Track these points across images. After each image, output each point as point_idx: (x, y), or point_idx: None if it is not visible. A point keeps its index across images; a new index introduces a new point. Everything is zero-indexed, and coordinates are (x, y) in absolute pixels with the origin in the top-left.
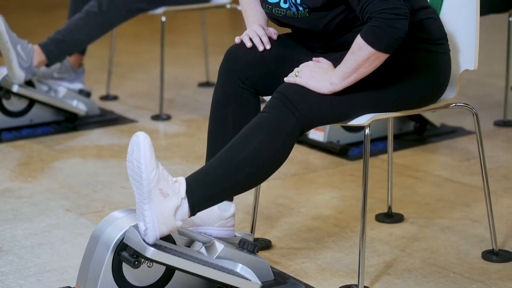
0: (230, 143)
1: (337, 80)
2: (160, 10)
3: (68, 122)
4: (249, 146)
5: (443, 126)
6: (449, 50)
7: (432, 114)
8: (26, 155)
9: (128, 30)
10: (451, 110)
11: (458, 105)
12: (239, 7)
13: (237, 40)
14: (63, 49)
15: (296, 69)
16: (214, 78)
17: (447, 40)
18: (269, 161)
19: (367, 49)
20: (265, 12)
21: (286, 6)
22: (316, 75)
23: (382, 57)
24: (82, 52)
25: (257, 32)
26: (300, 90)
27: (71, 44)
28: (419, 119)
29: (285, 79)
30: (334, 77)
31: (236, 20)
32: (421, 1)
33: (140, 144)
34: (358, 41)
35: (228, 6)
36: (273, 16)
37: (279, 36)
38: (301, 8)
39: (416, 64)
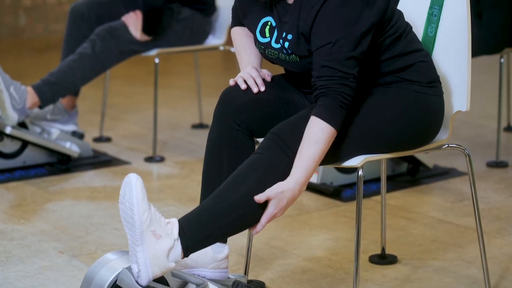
0: (223, 184)
1: (303, 179)
2: (153, 52)
3: (61, 164)
4: (242, 187)
5: (436, 167)
6: (442, 93)
7: (425, 155)
8: (19, 196)
9: (122, 71)
10: (444, 151)
11: (450, 146)
12: (232, 49)
13: (231, 82)
14: (56, 91)
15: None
16: (207, 120)
17: (439, 82)
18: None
19: (328, 129)
20: (259, 51)
21: (278, 46)
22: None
23: (335, 135)
24: (76, 93)
25: (251, 74)
26: (294, 131)
27: (64, 86)
28: (412, 160)
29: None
30: (301, 178)
31: (230, 62)
32: (414, 44)
33: (132, 186)
34: (319, 124)
35: (221, 48)
36: (266, 57)
37: (272, 78)
38: (292, 54)
39: (408, 106)
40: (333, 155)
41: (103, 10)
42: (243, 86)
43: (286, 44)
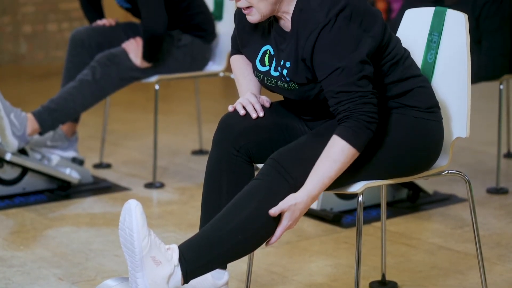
0: (223, 210)
1: (316, 192)
2: (153, 79)
3: (61, 190)
4: (242, 213)
5: (436, 193)
6: (441, 118)
7: (425, 182)
8: (18, 223)
9: (122, 98)
10: (444, 178)
11: (450, 173)
12: (232, 75)
13: (230, 108)
14: (56, 117)
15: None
16: (207, 146)
17: (439, 108)
18: (262, 228)
19: (350, 151)
20: (258, 80)
21: (276, 74)
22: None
23: (357, 155)
24: (76, 120)
25: (250, 100)
26: (294, 157)
27: (64, 113)
28: (412, 186)
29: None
30: (313, 191)
31: (230, 88)
32: (412, 70)
33: (132, 212)
34: (341, 144)
35: (221, 74)
36: (265, 85)
37: (271, 104)
38: (290, 82)
39: (408, 132)
40: (334, 181)
41: (104, 37)
42: (241, 112)
43: (285, 72)
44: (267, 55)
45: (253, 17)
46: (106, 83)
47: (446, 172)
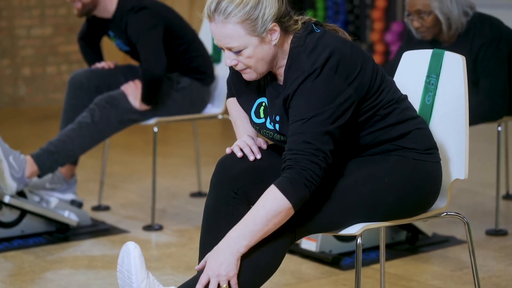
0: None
1: (245, 242)
2: (152, 121)
3: (59, 232)
4: None
5: (435, 235)
6: (440, 160)
7: (424, 223)
8: (17, 266)
9: (120, 140)
10: (443, 219)
11: (449, 214)
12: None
13: (227, 151)
14: (55, 160)
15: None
16: (206, 188)
17: (437, 149)
18: (259, 271)
19: (282, 201)
20: (255, 130)
21: (272, 127)
22: (220, 258)
23: (291, 213)
24: (74, 162)
25: (247, 142)
26: None
27: (63, 155)
28: (411, 228)
29: None
30: (241, 241)
31: (228, 131)
32: (409, 112)
33: (130, 254)
34: (274, 192)
35: (220, 116)
36: (263, 136)
37: (268, 146)
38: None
39: (406, 174)
40: (332, 222)
41: (102, 80)
42: (239, 154)
43: (277, 126)
44: (262, 108)
45: (250, 76)
46: (105, 126)
47: (445, 214)
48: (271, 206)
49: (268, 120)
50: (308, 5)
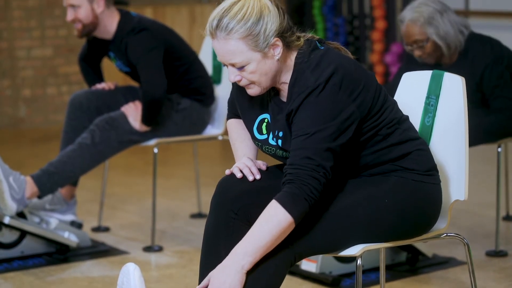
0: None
1: (250, 258)
2: (152, 142)
3: (59, 253)
4: None
5: (435, 256)
6: (440, 181)
7: (424, 245)
8: (16, 287)
9: (120, 161)
10: (443, 240)
11: (449, 236)
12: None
13: (227, 172)
14: (55, 180)
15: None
16: (206, 209)
17: (437, 171)
18: (264, 280)
19: (284, 216)
20: (257, 147)
21: (274, 143)
22: (224, 275)
23: (293, 226)
24: (74, 183)
25: (246, 163)
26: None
27: (63, 176)
28: (411, 249)
29: None
30: (246, 257)
31: (228, 152)
32: (410, 133)
33: (130, 275)
34: (275, 207)
35: (220, 138)
36: (265, 152)
37: (268, 167)
38: (285, 151)
39: (406, 195)
40: (332, 243)
41: (103, 101)
42: (238, 175)
43: (280, 142)
44: (264, 124)
45: (254, 91)
46: (105, 147)
47: (445, 235)
48: (273, 221)
49: (271, 136)
50: (308, 26)
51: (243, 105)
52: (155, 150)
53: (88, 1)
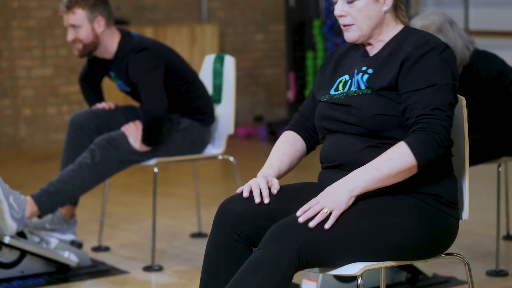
0: (226, 287)
1: (362, 184)
2: (152, 161)
3: (59, 273)
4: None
5: (436, 276)
6: (459, 218)
7: (424, 264)
8: None
9: (120, 181)
10: (443, 260)
11: (450, 255)
12: (231, 158)
13: (238, 191)
14: (55, 200)
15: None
16: (206, 229)
17: (458, 207)
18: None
19: (409, 158)
20: (323, 101)
21: (346, 89)
22: (336, 192)
23: (414, 172)
24: (74, 203)
25: (260, 184)
26: (296, 224)
27: (63, 196)
28: (411, 269)
29: (300, 219)
30: (359, 182)
31: (228, 171)
32: (450, 159)
33: None
34: (404, 149)
35: (220, 157)
36: (329, 105)
37: (278, 191)
38: (367, 88)
39: (426, 220)
40: (334, 255)
41: (103, 120)
42: (245, 195)
43: (365, 77)
44: (341, 83)
45: (352, 34)
46: (105, 166)
47: (445, 254)
48: (397, 159)
49: (347, 87)
50: (308, 46)
51: (324, 76)
52: (155, 170)
53: (88, 21)
